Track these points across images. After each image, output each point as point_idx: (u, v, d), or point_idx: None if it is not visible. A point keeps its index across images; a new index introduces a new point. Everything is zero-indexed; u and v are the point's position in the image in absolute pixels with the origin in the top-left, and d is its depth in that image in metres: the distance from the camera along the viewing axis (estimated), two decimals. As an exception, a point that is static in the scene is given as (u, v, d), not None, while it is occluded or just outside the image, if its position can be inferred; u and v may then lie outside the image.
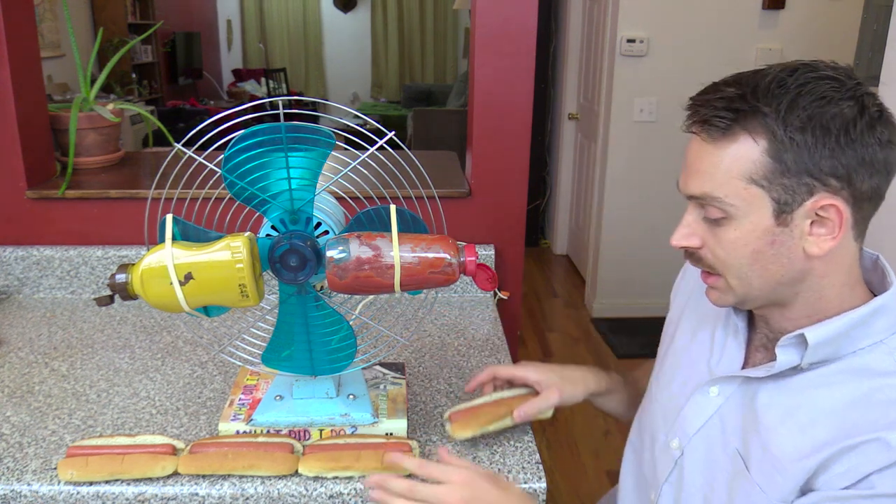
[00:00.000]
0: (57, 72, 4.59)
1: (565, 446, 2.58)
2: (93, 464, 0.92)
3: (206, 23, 7.81)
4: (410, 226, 0.93)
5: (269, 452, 0.94)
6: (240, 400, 1.06)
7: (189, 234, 0.89)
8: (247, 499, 0.93)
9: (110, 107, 1.70)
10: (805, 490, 0.74)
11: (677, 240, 0.81)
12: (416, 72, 8.34)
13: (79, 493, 0.92)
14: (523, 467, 0.98)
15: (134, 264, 0.87)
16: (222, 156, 0.86)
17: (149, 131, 2.45)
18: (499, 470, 0.98)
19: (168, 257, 0.85)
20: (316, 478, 0.94)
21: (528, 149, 1.56)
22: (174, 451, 0.96)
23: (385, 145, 0.90)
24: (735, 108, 0.73)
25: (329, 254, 0.86)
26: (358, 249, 0.86)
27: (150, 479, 0.93)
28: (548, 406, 0.99)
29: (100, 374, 1.21)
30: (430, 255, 0.88)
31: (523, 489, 0.95)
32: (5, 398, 1.13)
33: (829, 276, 0.76)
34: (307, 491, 0.93)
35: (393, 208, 0.91)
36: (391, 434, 1.01)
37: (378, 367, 1.15)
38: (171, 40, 6.59)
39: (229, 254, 0.85)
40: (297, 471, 0.94)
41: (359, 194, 1.01)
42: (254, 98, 7.02)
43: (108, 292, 0.91)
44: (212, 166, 0.90)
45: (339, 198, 1.03)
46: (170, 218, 0.87)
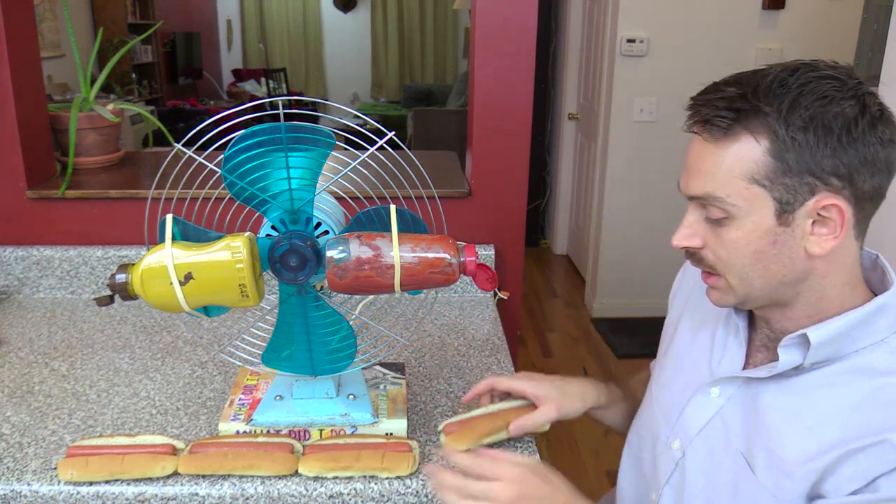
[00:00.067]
0: (57, 72, 4.59)
1: (565, 446, 2.58)
2: (93, 464, 0.92)
3: (206, 23, 7.81)
4: (410, 226, 0.93)
5: (269, 452, 0.94)
6: (240, 400, 1.06)
7: (189, 234, 0.89)
8: (247, 499, 0.93)
9: (110, 107, 1.70)
10: (813, 496, 0.73)
11: (678, 240, 0.80)
12: (416, 72, 8.34)
13: (79, 493, 0.92)
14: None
15: (134, 264, 0.87)
16: (222, 156, 0.86)
17: (149, 131, 2.45)
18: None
19: (168, 257, 0.85)
20: (316, 478, 0.94)
21: (528, 149, 1.56)
22: (174, 451, 0.96)
23: (385, 145, 0.90)
24: (736, 108, 0.73)
25: (329, 254, 0.86)
26: (358, 249, 0.86)
27: (150, 479, 0.93)
28: (545, 421, 0.97)
29: (100, 374, 1.21)
30: (430, 255, 0.88)
31: None
32: (5, 398, 1.13)
33: (830, 275, 0.76)
34: (307, 491, 0.93)
35: (393, 208, 0.90)
36: (391, 434, 1.01)
37: (378, 367, 1.15)
38: (171, 40, 6.59)
39: (229, 254, 0.85)
40: (297, 471, 0.94)
41: (359, 194, 1.01)
42: (254, 98, 7.02)
43: (108, 292, 0.91)
44: (212, 166, 0.90)
45: (339, 198, 1.03)
46: (170, 218, 0.87)
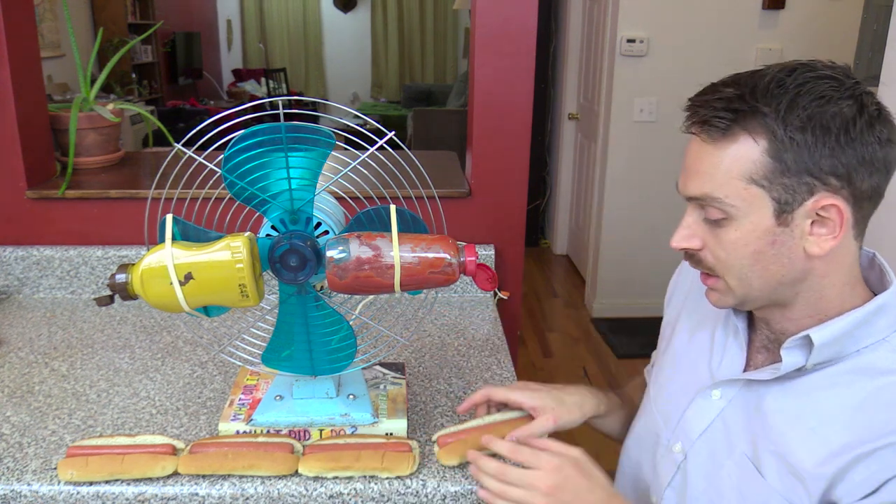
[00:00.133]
0: (57, 72, 4.59)
1: (565, 446, 2.57)
2: (93, 464, 0.92)
3: (206, 23, 7.81)
4: (410, 226, 0.93)
5: (269, 452, 0.94)
6: (240, 400, 1.06)
7: (189, 234, 0.89)
8: (247, 499, 0.93)
9: (110, 107, 1.70)
10: (825, 501, 0.73)
11: (677, 241, 0.80)
12: (416, 72, 8.34)
13: (79, 493, 0.92)
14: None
15: (134, 264, 0.87)
16: (222, 156, 0.86)
17: (149, 131, 2.45)
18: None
19: (168, 257, 0.85)
20: (316, 478, 0.94)
21: (528, 149, 1.56)
22: (174, 451, 0.96)
23: (385, 145, 0.90)
24: (734, 109, 0.73)
25: (329, 254, 0.86)
26: (358, 249, 0.86)
27: (150, 479, 0.93)
28: (542, 432, 0.94)
29: (100, 374, 1.21)
30: (430, 255, 0.88)
31: None
32: (5, 398, 1.13)
33: (829, 275, 0.76)
34: (307, 491, 0.93)
35: (393, 208, 0.90)
36: (391, 434, 1.01)
37: (378, 367, 1.15)
38: (171, 40, 6.59)
39: (229, 254, 0.85)
40: (297, 471, 0.94)
41: (359, 194, 1.01)
42: (254, 98, 7.02)
43: (108, 292, 0.91)
44: (212, 166, 0.90)
45: (339, 198, 1.03)
46: (170, 218, 0.87)
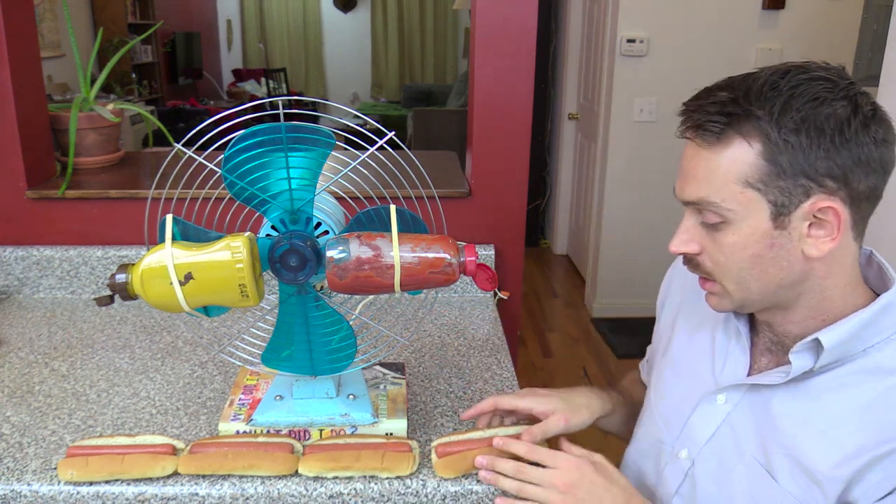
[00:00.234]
0: (57, 72, 4.59)
1: (565, 446, 2.57)
2: (93, 464, 0.92)
3: (206, 23, 7.81)
4: (410, 226, 0.93)
5: (269, 452, 0.94)
6: (240, 400, 1.06)
7: (189, 234, 0.89)
8: (247, 499, 0.93)
9: (110, 107, 1.70)
10: (842, 503, 0.73)
11: (676, 246, 0.80)
12: (416, 72, 8.34)
13: (79, 493, 0.92)
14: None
15: (134, 264, 0.87)
16: (222, 156, 0.86)
17: (149, 131, 2.45)
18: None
19: (168, 257, 0.85)
20: (316, 478, 0.94)
21: (528, 149, 1.56)
22: (174, 451, 0.96)
23: (385, 145, 0.90)
24: (728, 112, 0.72)
25: (329, 254, 0.86)
26: (358, 249, 0.86)
27: (150, 479, 0.93)
28: (556, 430, 0.95)
29: (100, 374, 1.21)
30: (430, 255, 0.88)
31: None
32: (5, 398, 1.13)
33: (830, 276, 0.76)
34: (307, 491, 0.93)
35: (393, 208, 0.90)
36: (391, 434, 1.01)
37: (378, 367, 1.15)
38: (171, 40, 6.59)
39: (229, 254, 0.85)
40: (297, 471, 0.94)
41: (359, 194, 1.01)
42: (254, 98, 7.02)
43: (108, 292, 0.91)
44: (212, 166, 0.90)
45: (339, 198, 1.03)
46: (170, 218, 0.87)
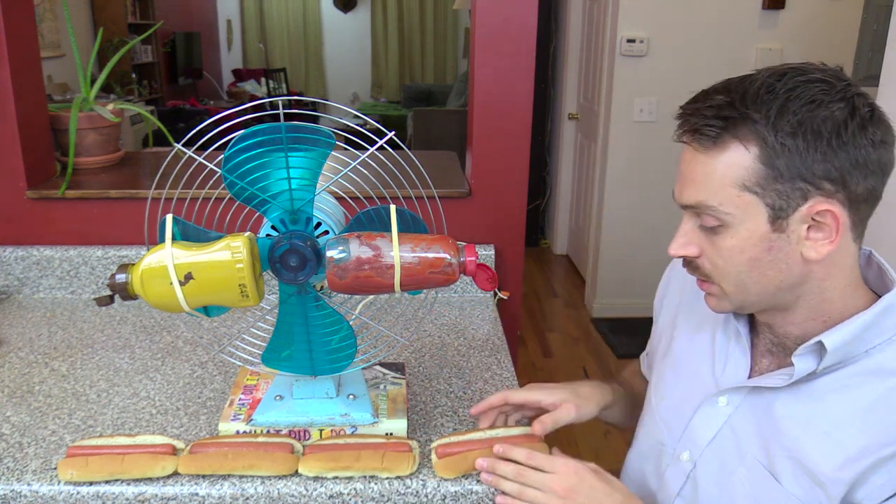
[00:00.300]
0: (57, 72, 4.59)
1: (565, 446, 2.57)
2: (93, 464, 0.92)
3: (206, 23, 7.81)
4: (410, 226, 0.93)
5: (269, 452, 0.94)
6: (240, 400, 1.06)
7: (189, 234, 0.89)
8: (247, 499, 0.93)
9: (110, 107, 1.70)
10: None
11: (675, 249, 0.80)
12: (416, 72, 8.34)
13: (79, 493, 0.92)
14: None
15: (134, 264, 0.87)
16: (222, 156, 0.86)
17: (149, 131, 2.45)
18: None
19: (168, 257, 0.85)
20: (316, 478, 0.94)
21: (528, 149, 1.56)
22: (174, 451, 0.96)
23: (385, 145, 0.90)
24: (724, 116, 0.72)
25: (329, 254, 0.86)
26: (358, 249, 0.86)
27: (150, 479, 0.93)
28: (566, 420, 0.96)
29: (100, 374, 1.21)
30: (430, 255, 0.88)
31: None
32: (5, 398, 1.13)
33: (830, 278, 0.76)
34: (307, 491, 0.93)
35: (393, 208, 0.90)
36: (391, 434, 1.01)
37: (378, 367, 1.15)
38: (171, 40, 6.59)
39: (229, 254, 0.85)
40: (297, 471, 0.94)
41: (359, 194, 1.01)
42: (254, 98, 7.02)
43: (108, 292, 0.91)
44: (212, 166, 0.90)
45: (339, 198, 1.03)
46: (170, 218, 0.87)
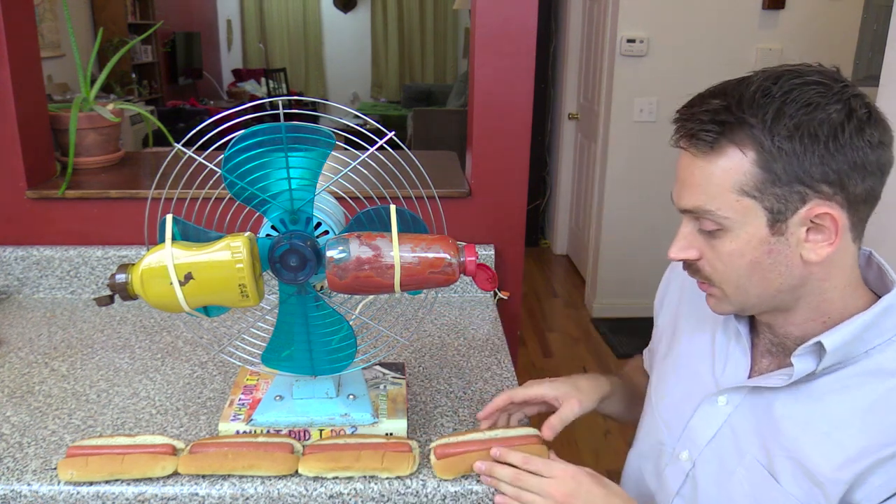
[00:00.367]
0: (57, 72, 4.58)
1: (565, 446, 2.58)
2: (93, 464, 0.92)
3: (206, 23, 7.81)
4: (410, 226, 0.93)
5: (269, 452, 0.94)
6: (240, 400, 1.06)
7: (189, 234, 0.89)
8: (247, 499, 0.93)
9: (110, 107, 1.70)
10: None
11: (675, 253, 0.80)
12: (416, 72, 8.34)
13: (79, 493, 0.92)
14: None
15: (134, 264, 0.87)
16: (222, 156, 0.86)
17: (149, 131, 2.45)
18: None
19: (168, 257, 0.85)
20: (316, 478, 0.94)
21: (528, 149, 1.56)
22: (174, 451, 0.95)
23: (385, 145, 0.90)
24: (721, 121, 0.72)
25: (329, 254, 0.86)
26: (358, 249, 0.86)
27: (150, 479, 0.93)
28: (572, 416, 0.97)
29: (100, 374, 1.21)
30: (430, 255, 0.88)
31: None
32: (5, 398, 1.13)
33: (830, 279, 0.76)
34: (307, 491, 0.93)
35: (393, 208, 0.90)
36: (391, 434, 1.01)
37: (378, 367, 1.15)
38: (171, 40, 6.59)
39: (229, 254, 0.85)
40: (297, 471, 0.94)
41: (359, 194, 1.01)
42: (254, 98, 7.02)
43: (108, 292, 0.91)
44: (212, 166, 0.90)
45: (339, 198, 1.03)
46: (170, 218, 0.87)
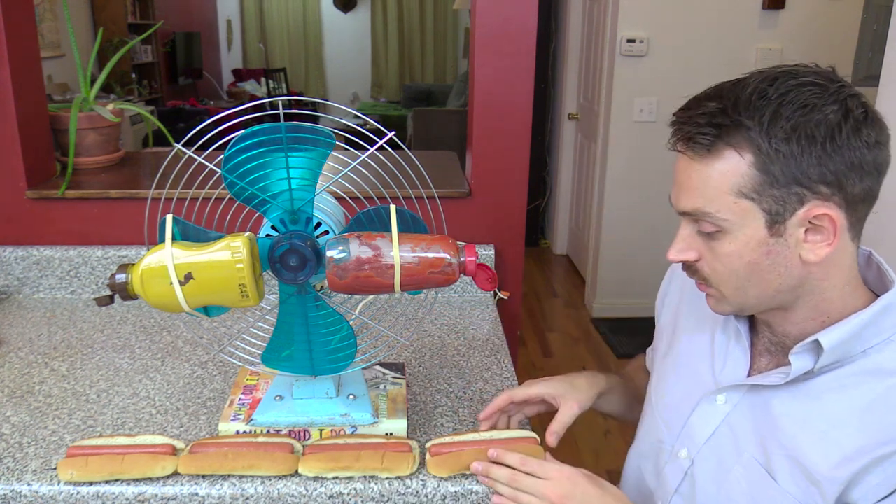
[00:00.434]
0: (57, 72, 4.58)
1: (565, 445, 2.57)
2: (93, 464, 0.92)
3: (206, 23, 7.81)
4: (410, 226, 0.93)
5: (269, 452, 0.94)
6: (240, 400, 1.06)
7: (189, 234, 0.89)
8: (247, 499, 0.93)
9: (110, 107, 1.70)
10: (841, 503, 0.73)
11: (674, 255, 0.80)
12: (416, 72, 8.34)
13: (79, 493, 0.92)
14: None
15: (134, 264, 0.87)
16: (222, 156, 0.86)
17: (149, 131, 2.45)
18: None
19: (168, 257, 0.85)
20: (316, 478, 0.94)
21: (528, 149, 1.56)
22: (174, 451, 0.96)
23: (385, 145, 0.90)
24: (717, 124, 0.72)
25: (329, 254, 0.86)
26: (358, 249, 0.86)
27: (150, 479, 0.93)
28: (571, 419, 0.98)
29: (100, 374, 1.21)
30: (430, 255, 0.88)
31: None
32: (5, 398, 1.13)
33: (829, 278, 0.76)
34: (307, 491, 0.93)
35: (393, 208, 0.90)
36: (391, 434, 1.01)
37: (378, 367, 1.15)
38: (171, 40, 6.59)
39: (229, 254, 0.85)
40: (297, 471, 0.94)
41: (359, 194, 1.01)
42: (254, 98, 7.02)
43: (108, 292, 0.91)
44: (212, 166, 0.90)
45: (339, 198, 1.03)
46: (170, 218, 0.87)
